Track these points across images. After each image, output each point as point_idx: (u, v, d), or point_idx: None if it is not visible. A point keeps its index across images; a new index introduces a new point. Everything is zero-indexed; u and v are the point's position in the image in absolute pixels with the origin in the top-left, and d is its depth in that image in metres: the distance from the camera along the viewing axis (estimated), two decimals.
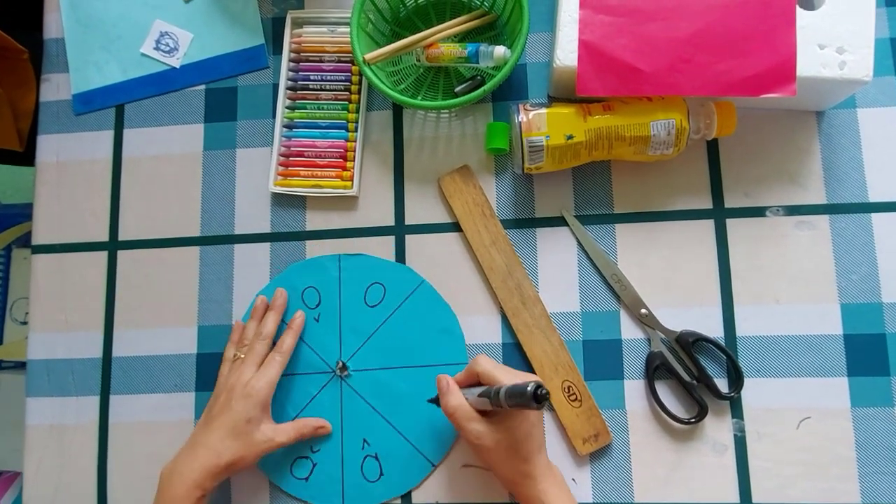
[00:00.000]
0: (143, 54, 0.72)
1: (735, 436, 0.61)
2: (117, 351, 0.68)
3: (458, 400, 0.55)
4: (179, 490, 0.56)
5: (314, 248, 0.67)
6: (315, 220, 0.68)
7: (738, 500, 0.60)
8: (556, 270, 0.65)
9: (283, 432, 0.60)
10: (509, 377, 0.54)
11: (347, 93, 0.69)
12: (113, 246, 0.70)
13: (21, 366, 1.06)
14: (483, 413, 0.54)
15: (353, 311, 0.66)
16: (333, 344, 0.65)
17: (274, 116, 0.69)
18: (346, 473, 0.63)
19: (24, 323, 1.05)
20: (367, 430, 0.64)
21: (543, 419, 0.57)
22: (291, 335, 0.63)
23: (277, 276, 0.67)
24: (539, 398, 0.47)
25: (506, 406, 0.50)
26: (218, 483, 0.58)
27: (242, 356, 0.62)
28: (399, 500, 0.63)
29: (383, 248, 0.67)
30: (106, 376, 0.68)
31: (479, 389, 0.54)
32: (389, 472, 0.63)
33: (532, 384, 0.47)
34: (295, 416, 0.64)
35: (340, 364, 0.65)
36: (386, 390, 0.64)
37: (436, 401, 0.59)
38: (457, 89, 0.65)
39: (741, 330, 0.62)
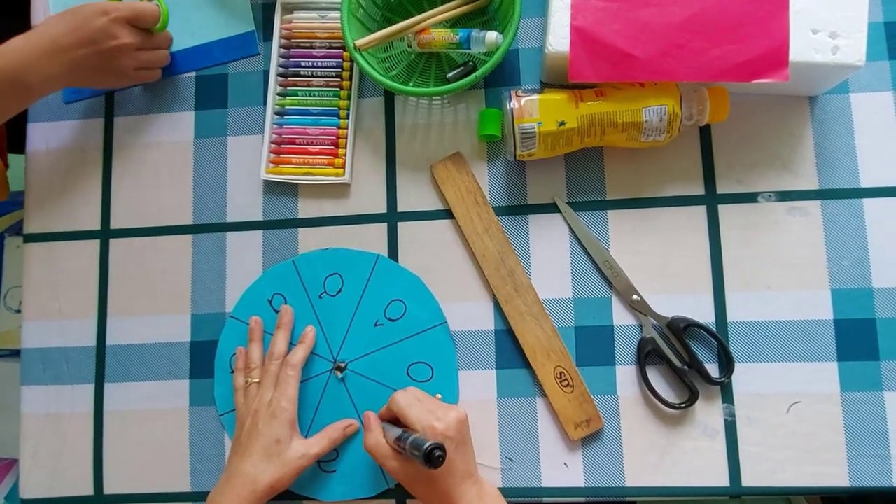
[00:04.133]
0: None
1: (725, 420, 0.61)
2: (111, 339, 0.68)
3: (375, 438, 0.56)
4: None
5: (306, 236, 0.67)
6: (307, 208, 0.68)
7: (729, 484, 0.60)
8: (549, 257, 0.65)
9: (316, 444, 0.60)
10: (422, 417, 0.54)
11: (339, 79, 0.68)
12: (105, 234, 0.70)
13: (16, 354, 1.05)
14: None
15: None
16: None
17: (265, 104, 0.69)
18: None
19: (19, 311, 1.04)
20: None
21: (473, 444, 0.58)
22: (304, 349, 0.63)
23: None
24: (432, 460, 0.48)
25: (411, 456, 0.51)
26: None
27: (255, 380, 0.62)
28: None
29: (375, 235, 0.67)
30: (100, 364, 0.68)
31: (396, 430, 0.55)
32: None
33: (429, 446, 0.48)
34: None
35: (336, 363, 0.65)
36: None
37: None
38: (448, 75, 0.65)
39: (732, 316, 0.62)
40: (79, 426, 0.67)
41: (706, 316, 0.62)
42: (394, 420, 0.58)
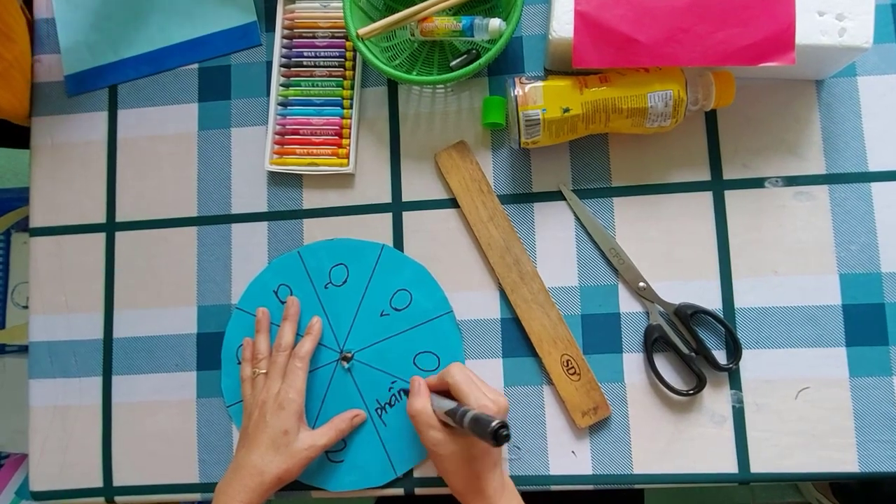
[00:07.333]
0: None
1: (733, 407, 0.61)
2: (118, 332, 0.68)
3: (423, 404, 0.55)
4: None
5: (311, 227, 0.67)
6: (312, 199, 0.68)
7: (737, 471, 0.60)
8: (554, 245, 0.64)
9: (323, 434, 0.60)
10: (478, 396, 0.54)
11: (342, 69, 0.68)
12: (110, 227, 0.70)
13: (25, 349, 1.06)
14: (445, 422, 0.55)
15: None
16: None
17: (268, 94, 0.69)
18: None
19: (26, 307, 1.05)
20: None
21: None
22: (311, 340, 0.63)
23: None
24: (499, 438, 0.48)
25: (467, 431, 0.51)
26: (267, 498, 0.58)
27: (263, 371, 0.62)
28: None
29: (380, 225, 0.66)
30: (107, 357, 0.68)
31: (447, 402, 0.55)
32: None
33: (496, 423, 0.48)
34: None
35: (343, 354, 0.65)
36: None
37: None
38: (452, 63, 0.64)
39: (739, 302, 0.62)
40: (87, 419, 0.67)
41: (713, 302, 0.62)
42: (443, 392, 0.57)
